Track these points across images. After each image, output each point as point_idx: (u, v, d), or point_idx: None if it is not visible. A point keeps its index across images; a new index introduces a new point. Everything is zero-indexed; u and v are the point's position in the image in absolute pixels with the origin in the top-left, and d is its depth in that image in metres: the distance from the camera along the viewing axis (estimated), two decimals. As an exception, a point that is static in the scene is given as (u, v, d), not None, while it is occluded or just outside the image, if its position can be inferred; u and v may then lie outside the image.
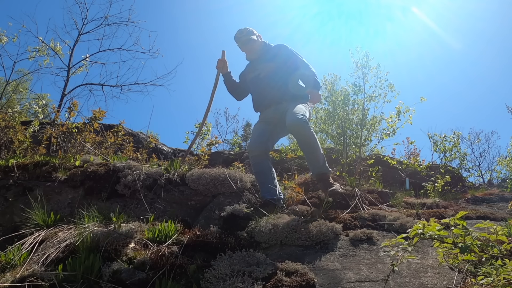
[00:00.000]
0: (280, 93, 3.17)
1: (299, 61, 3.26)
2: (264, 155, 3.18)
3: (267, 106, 3.26)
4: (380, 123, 6.19)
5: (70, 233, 2.29)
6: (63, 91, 9.06)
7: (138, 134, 7.80)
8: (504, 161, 11.00)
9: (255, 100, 3.39)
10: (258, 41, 3.34)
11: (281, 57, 3.27)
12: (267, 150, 3.26)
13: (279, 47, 3.35)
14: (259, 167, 3.14)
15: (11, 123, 5.10)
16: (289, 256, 2.24)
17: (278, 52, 3.31)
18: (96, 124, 4.72)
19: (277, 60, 3.27)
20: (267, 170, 3.13)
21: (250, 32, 3.33)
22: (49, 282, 1.71)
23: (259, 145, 3.20)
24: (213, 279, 1.82)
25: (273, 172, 3.17)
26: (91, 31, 9.98)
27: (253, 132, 3.44)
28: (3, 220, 3.02)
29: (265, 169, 3.13)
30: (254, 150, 3.19)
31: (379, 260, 2.17)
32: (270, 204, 2.87)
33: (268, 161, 3.20)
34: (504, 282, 1.39)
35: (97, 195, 3.17)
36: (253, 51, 3.36)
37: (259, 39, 3.37)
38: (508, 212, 4.20)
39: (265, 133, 3.23)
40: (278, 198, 3.02)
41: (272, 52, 3.34)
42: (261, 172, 3.13)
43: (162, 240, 2.30)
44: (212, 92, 3.67)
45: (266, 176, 3.10)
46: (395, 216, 2.97)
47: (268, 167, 3.15)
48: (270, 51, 3.36)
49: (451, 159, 6.72)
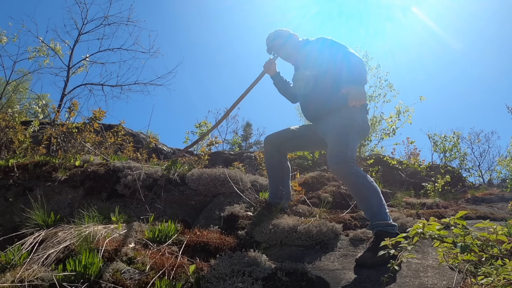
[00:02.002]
0: (321, 107, 2.65)
1: (340, 58, 2.60)
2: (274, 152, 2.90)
3: (311, 121, 2.85)
4: (380, 123, 6.21)
5: (70, 233, 2.29)
6: (63, 91, 9.07)
7: (138, 134, 7.80)
8: (504, 161, 11.01)
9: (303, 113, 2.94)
10: (288, 44, 2.85)
11: (317, 59, 2.70)
12: (280, 149, 2.91)
13: (314, 45, 2.77)
14: (267, 163, 2.97)
15: (11, 123, 5.10)
16: (289, 256, 2.24)
17: (313, 52, 2.73)
18: (96, 124, 4.72)
19: (313, 65, 2.70)
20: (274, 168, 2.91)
21: (276, 36, 2.89)
22: (49, 282, 1.71)
23: (273, 139, 2.90)
24: (213, 279, 1.82)
25: (282, 170, 2.92)
26: (91, 31, 10.00)
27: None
28: (3, 220, 3.02)
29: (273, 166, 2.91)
30: (266, 143, 2.94)
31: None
32: (271, 205, 2.83)
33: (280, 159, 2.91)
34: (504, 282, 1.39)
35: (97, 195, 3.17)
36: (287, 56, 2.91)
37: (292, 40, 2.86)
38: (508, 212, 4.20)
39: (295, 133, 2.88)
40: (278, 201, 2.85)
41: (308, 53, 2.78)
42: (268, 169, 2.97)
43: (162, 240, 2.30)
44: (247, 90, 3.24)
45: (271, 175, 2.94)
46: (395, 216, 2.97)
47: (276, 166, 2.91)
48: (306, 52, 2.79)
49: (451, 159, 6.73)
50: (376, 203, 2.29)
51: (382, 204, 2.29)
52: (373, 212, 2.28)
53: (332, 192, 3.79)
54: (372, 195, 2.31)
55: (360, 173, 2.38)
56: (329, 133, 2.56)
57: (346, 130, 2.49)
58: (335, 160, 2.39)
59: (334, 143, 2.47)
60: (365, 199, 2.33)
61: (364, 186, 2.33)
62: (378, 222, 2.21)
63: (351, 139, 2.48)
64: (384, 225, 2.21)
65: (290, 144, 2.92)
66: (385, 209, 2.28)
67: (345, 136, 2.47)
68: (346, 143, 2.44)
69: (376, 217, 2.24)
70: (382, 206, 2.28)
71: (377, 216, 2.24)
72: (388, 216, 2.28)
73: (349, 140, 2.45)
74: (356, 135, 2.53)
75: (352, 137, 2.49)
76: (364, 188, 2.33)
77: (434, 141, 6.78)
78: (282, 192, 2.89)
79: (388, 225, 2.22)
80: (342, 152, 2.40)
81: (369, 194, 2.31)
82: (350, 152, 2.43)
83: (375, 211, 2.27)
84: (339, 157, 2.39)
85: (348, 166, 2.37)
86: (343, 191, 3.84)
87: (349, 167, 2.36)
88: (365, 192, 2.33)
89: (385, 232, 2.15)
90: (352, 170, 2.36)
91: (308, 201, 3.44)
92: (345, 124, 2.51)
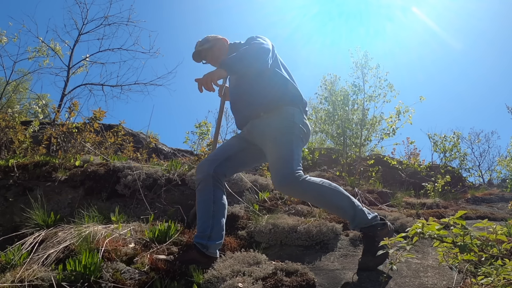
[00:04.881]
0: (247, 109, 2.25)
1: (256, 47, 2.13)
2: (210, 180, 2.14)
3: (240, 127, 2.39)
4: (380, 123, 6.21)
5: (70, 233, 2.29)
6: (63, 91, 9.07)
7: (138, 134, 7.80)
8: (504, 161, 11.01)
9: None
10: (215, 48, 2.44)
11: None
12: (218, 176, 2.17)
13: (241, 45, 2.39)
14: (199, 198, 2.16)
15: (11, 123, 5.11)
16: (289, 256, 2.24)
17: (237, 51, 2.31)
18: (96, 124, 4.72)
19: None
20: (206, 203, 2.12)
21: (204, 41, 2.49)
22: (49, 282, 1.71)
23: (207, 166, 2.18)
24: (213, 279, 1.82)
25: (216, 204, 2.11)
26: (91, 31, 9.99)
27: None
28: (3, 220, 3.02)
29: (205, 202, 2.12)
30: (198, 172, 2.20)
31: (379, 260, 2.17)
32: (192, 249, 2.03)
33: (215, 191, 2.14)
34: (504, 282, 1.40)
35: (97, 195, 3.17)
36: (215, 60, 2.43)
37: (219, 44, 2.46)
38: (508, 212, 4.21)
39: (231, 151, 2.28)
40: (206, 243, 2.01)
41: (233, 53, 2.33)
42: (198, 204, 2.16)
43: (162, 240, 2.30)
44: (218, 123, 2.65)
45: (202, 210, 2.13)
46: (395, 216, 2.97)
47: (208, 201, 2.11)
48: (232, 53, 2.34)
49: (451, 159, 6.74)
50: (347, 204, 2.04)
51: (352, 201, 2.05)
52: (350, 215, 2.05)
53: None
54: (339, 200, 2.05)
55: (315, 183, 2.03)
56: (267, 143, 2.12)
57: (287, 138, 2.08)
58: (283, 181, 1.99)
59: (276, 157, 2.05)
60: (334, 206, 2.08)
61: (327, 195, 2.04)
62: (360, 221, 2.04)
63: (295, 147, 2.08)
64: (366, 222, 2.04)
65: (229, 166, 2.24)
66: (357, 204, 2.06)
67: (287, 145, 2.06)
68: (291, 154, 2.03)
69: (356, 219, 2.04)
70: (353, 204, 2.05)
71: (356, 217, 2.04)
72: (363, 211, 2.07)
73: (293, 149, 2.06)
74: (299, 141, 2.14)
75: (296, 144, 2.09)
76: (328, 196, 2.05)
77: (434, 141, 6.79)
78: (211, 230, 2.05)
79: (369, 220, 2.05)
80: (288, 167, 1.99)
81: (336, 200, 2.05)
82: (296, 164, 2.03)
83: (351, 213, 2.04)
84: (287, 175, 1.98)
85: (300, 182, 1.98)
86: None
87: (301, 183, 1.98)
88: (330, 200, 2.06)
89: (371, 227, 2.03)
90: (306, 184, 2.00)
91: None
92: (285, 129, 2.10)
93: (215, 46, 2.46)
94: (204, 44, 2.48)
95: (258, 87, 2.21)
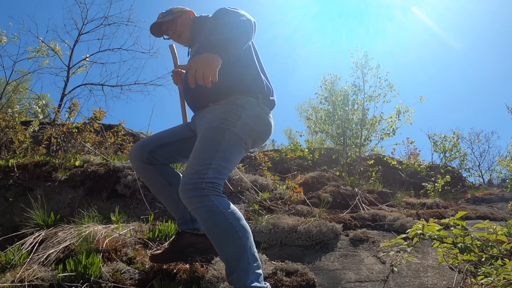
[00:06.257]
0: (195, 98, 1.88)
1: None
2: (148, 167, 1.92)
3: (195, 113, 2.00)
4: (380, 123, 6.20)
5: (70, 233, 2.29)
6: (63, 91, 9.09)
7: (138, 134, 7.79)
8: (504, 161, 10.99)
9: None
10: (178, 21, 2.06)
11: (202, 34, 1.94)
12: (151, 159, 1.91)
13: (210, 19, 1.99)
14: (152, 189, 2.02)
15: (11, 123, 5.11)
16: (289, 256, 2.24)
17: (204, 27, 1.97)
18: (96, 124, 4.72)
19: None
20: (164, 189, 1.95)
21: (166, 13, 2.11)
22: (49, 282, 1.71)
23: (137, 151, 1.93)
24: (213, 279, 1.82)
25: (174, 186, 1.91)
26: (91, 31, 10.02)
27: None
28: (3, 220, 3.02)
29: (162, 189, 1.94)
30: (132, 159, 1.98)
31: (379, 260, 2.17)
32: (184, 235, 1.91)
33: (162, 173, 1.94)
34: (504, 282, 1.40)
35: (97, 195, 3.17)
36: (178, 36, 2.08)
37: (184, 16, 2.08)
38: (508, 212, 4.21)
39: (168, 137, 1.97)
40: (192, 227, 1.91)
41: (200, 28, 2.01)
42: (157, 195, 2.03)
43: (162, 240, 2.30)
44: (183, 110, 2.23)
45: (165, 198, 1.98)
46: (395, 216, 2.97)
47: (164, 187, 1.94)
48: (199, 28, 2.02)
49: (451, 159, 6.73)
50: (234, 256, 1.52)
51: (245, 258, 1.51)
52: (229, 266, 1.53)
53: (332, 192, 3.79)
54: (230, 244, 1.53)
55: (218, 209, 1.53)
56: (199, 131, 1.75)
57: (216, 137, 1.64)
58: (183, 185, 1.57)
59: (193, 154, 1.65)
60: (218, 246, 1.56)
61: (220, 229, 1.54)
62: (236, 280, 1.49)
63: (225, 150, 1.63)
64: (242, 285, 1.47)
65: (162, 153, 1.93)
66: (248, 264, 1.51)
67: (212, 144, 1.63)
68: (211, 157, 1.60)
69: (233, 275, 1.50)
70: (243, 260, 1.51)
71: (235, 273, 1.49)
72: (251, 274, 1.50)
73: (218, 151, 1.62)
74: (238, 143, 1.68)
75: (227, 147, 1.64)
76: (220, 231, 1.54)
77: (434, 141, 6.78)
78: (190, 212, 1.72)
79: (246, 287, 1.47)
80: (200, 172, 1.57)
81: (227, 241, 1.54)
82: (214, 172, 1.59)
83: (232, 266, 1.51)
84: (192, 181, 1.55)
85: (201, 195, 1.53)
86: (343, 191, 3.84)
87: (201, 198, 1.53)
88: (219, 237, 1.55)
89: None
90: (206, 203, 1.53)
91: (308, 201, 3.44)
92: (220, 124, 1.66)
93: (179, 19, 2.07)
94: (166, 16, 2.10)
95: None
